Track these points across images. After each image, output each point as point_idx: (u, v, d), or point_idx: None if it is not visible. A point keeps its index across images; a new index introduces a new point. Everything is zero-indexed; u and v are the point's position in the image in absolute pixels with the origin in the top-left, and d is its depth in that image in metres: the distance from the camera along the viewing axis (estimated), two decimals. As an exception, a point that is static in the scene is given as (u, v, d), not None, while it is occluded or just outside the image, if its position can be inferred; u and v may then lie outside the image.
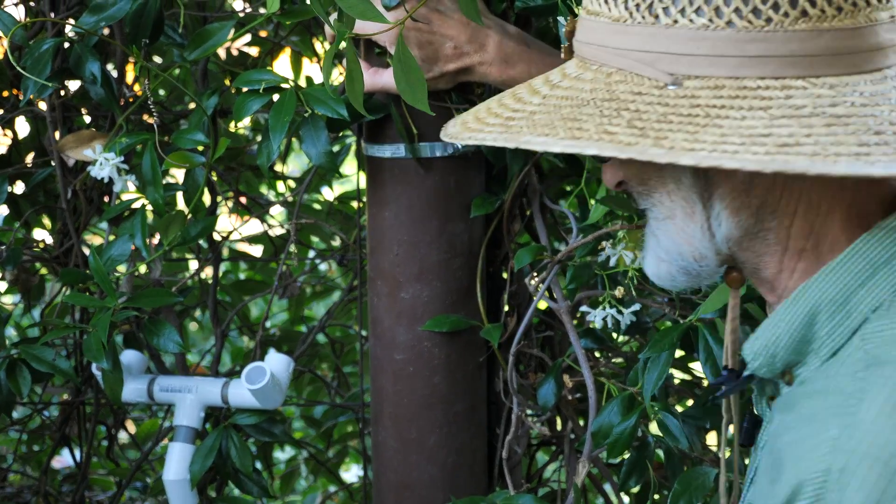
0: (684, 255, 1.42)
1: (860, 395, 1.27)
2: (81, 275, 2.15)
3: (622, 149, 1.24)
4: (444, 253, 1.99)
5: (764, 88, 1.27)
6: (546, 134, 1.29)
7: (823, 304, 1.35)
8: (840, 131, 1.23)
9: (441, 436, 2.05)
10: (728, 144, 1.22)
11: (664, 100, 1.29)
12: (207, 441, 2.12)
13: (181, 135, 2.03)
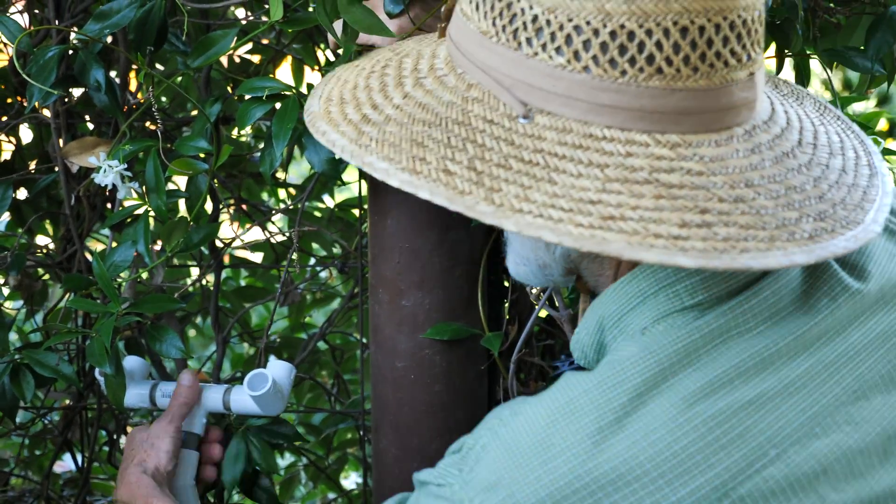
0: (530, 261, 1.50)
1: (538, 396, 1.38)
2: (84, 280, 2.16)
3: (453, 198, 1.26)
4: (445, 261, 2.00)
5: (608, 140, 1.29)
6: (390, 158, 1.30)
7: (605, 319, 1.43)
8: (666, 206, 1.25)
9: (442, 443, 2.04)
10: (555, 209, 1.24)
11: (511, 136, 1.30)
12: (232, 448, 2.12)
13: (184, 142, 2.04)
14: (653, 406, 1.32)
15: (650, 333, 1.38)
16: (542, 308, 2.03)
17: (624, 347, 1.37)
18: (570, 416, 1.33)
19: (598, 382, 1.34)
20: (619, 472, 1.29)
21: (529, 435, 1.33)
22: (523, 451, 1.32)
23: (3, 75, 2.61)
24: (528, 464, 1.31)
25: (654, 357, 1.35)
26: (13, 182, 2.35)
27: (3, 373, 2.10)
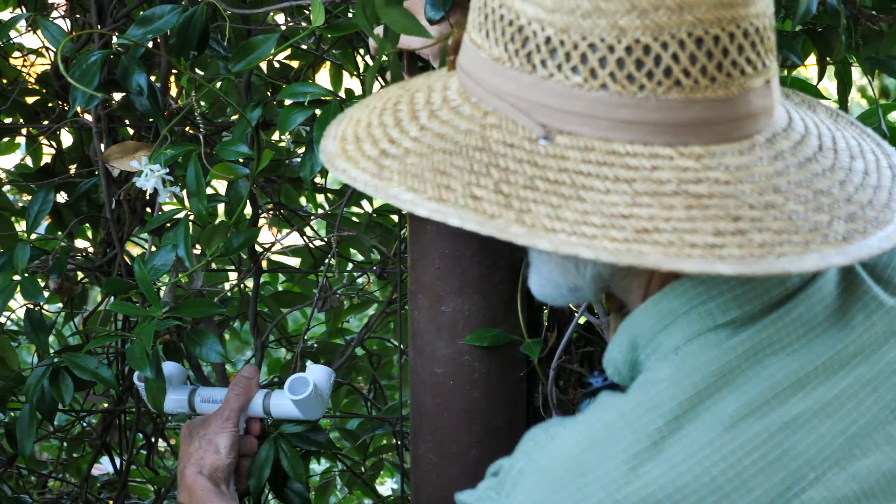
0: (560, 285, 1.46)
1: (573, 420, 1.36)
2: (125, 284, 2.17)
3: (484, 222, 1.24)
4: (485, 267, 2.00)
5: (632, 155, 1.27)
6: (415, 189, 1.28)
7: (638, 338, 1.40)
8: (698, 216, 1.24)
9: (481, 450, 2.05)
10: (587, 226, 1.23)
11: (534, 157, 1.28)
12: (261, 453, 2.13)
13: (225, 146, 2.04)
14: (689, 430, 1.31)
15: (683, 353, 1.36)
16: (582, 315, 2.03)
17: (658, 369, 1.36)
18: (606, 440, 1.31)
19: (633, 406, 1.33)
20: (657, 498, 1.28)
21: (565, 460, 1.32)
22: (559, 476, 1.31)
23: (45, 80, 2.63)
24: (565, 489, 1.30)
25: (689, 379, 1.33)
26: (55, 186, 2.36)
27: (43, 375, 2.11)
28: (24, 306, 2.36)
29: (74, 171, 2.64)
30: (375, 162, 1.33)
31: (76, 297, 2.78)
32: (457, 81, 1.40)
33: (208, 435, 2.00)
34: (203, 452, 1.98)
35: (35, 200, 2.27)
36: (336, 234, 2.18)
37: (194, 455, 1.98)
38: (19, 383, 2.23)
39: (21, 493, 2.76)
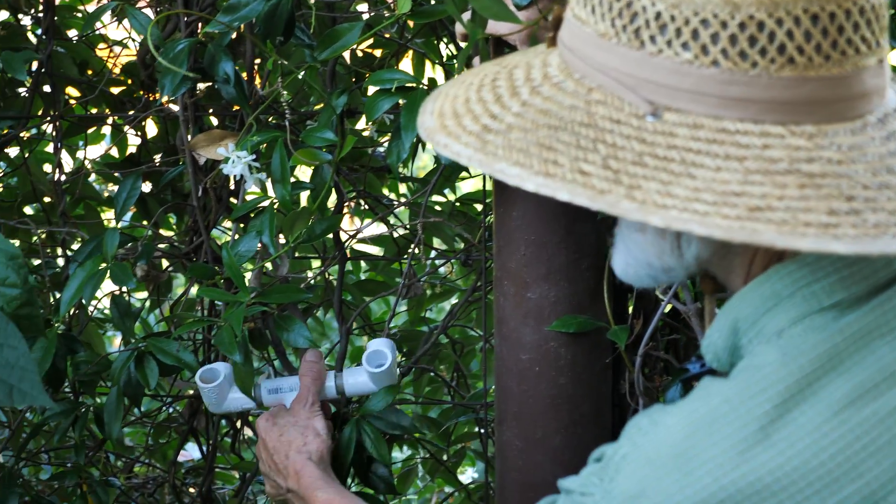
0: (653, 265, 1.44)
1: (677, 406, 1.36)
2: (210, 270, 2.19)
3: (594, 197, 1.23)
4: (572, 253, 1.99)
5: (742, 133, 1.26)
6: (521, 164, 1.27)
7: (740, 322, 1.39)
8: (812, 195, 1.23)
9: (566, 437, 2.05)
10: (699, 203, 1.22)
11: (642, 134, 1.27)
12: (343, 435, 2.14)
13: (311, 133, 2.05)
14: (797, 414, 1.29)
15: (788, 336, 1.35)
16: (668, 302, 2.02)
17: (763, 353, 1.35)
18: (712, 425, 1.31)
19: (739, 391, 1.32)
20: (765, 483, 1.27)
21: (670, 445, 1.31)
22: (664, 461, 1.31)
23: (130, 71, 2.66)
24: (670, 475, 1.30)
25: (795, 363, 1.32)
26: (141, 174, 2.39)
27: (129, 360, 2.14)
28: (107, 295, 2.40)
29: (159, 161, 2.66)
30: (478, 137, 1.32)
31: (161, 285, 2.81)
32: (557, 58, 1.39)
33: (301, 422, 2.02)
34: (304, 438, 2.00)
35: (123, 188, 2.29)
36: (421, 220, 2.18)
37: (295, 442, 2.00)
38: (106, 368, 2.26)
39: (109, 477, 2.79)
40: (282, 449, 2.01)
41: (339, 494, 1.93)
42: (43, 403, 1.42)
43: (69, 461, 2.80)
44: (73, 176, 2.71)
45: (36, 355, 2.08)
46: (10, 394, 1.41)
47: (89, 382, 2.32)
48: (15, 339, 1.44)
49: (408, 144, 1.92)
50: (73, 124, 2.68)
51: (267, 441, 2.04)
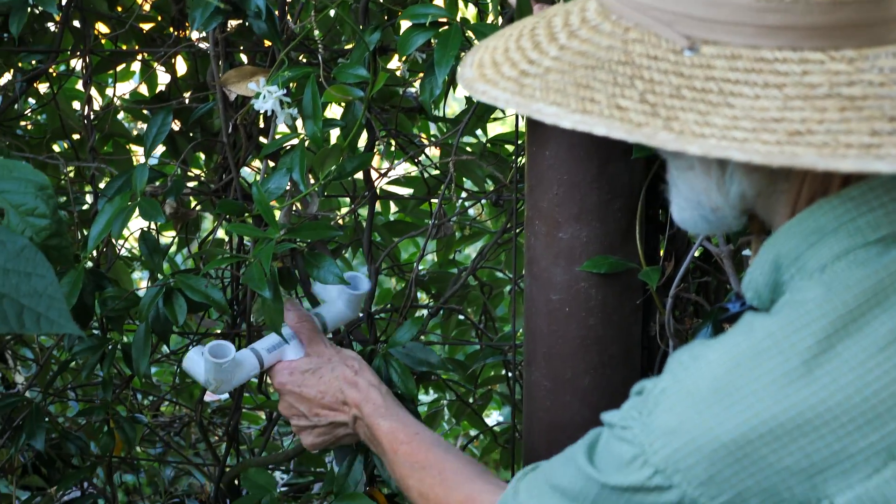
0: (703, 204, 1.44)
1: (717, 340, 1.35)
2: (239, 206, 2.18)
3: (631, 130, 1.23)
4: (604, 193, 1.97)
5: (781, 61, 1.25)
6: (558, 103, 1.28)
7: (782, 258, 1.39)
8: (853, 117, 1.22)
9: (595, 378, 2.04)
10: (738, 130, 1.21)
11: (679, 68, 1.27)
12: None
13: (343, 69, 2.04)
14: (840, 349, 1.29)
15: (831, 272, 1.34)
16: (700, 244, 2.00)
17: (806, 288, 1.34)
18: (754, 360, 1.30)
19: (782, 325, 1.31)
20: (806, 418, 1.27)
21: (711, 380, 1.31)
22: (704, 395, 1.30)
23: (161, 6, 2.64)
24: (710, 409, 1.29)
25: (839, 298, 1.31)
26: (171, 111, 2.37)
27: (157, 295, 2.14)
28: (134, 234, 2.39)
29: (189, 98, 2.65)
30: (516, 81, 1.33)
31: (189, 224, 2.80)
32: (595, 3, 1.38)
33: (333, 357, 2.05)
34: (351, 368, 2.03)
35: (153, 123, 2.28)
36: (453, 158, 2.16)
37: (344, 374, 2.03)
38: (134, 304, 2.26)
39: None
40: (331, 389, 2.02)
41: (400, 423, 1.94)
42: (70, 331, 1.42)
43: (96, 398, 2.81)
44: (103, 110, 2.69)
45: (63, 289, 2.07)
46: (38, 321, 1.40)
47: (117, 319, 2.32)
48: (43, 269, 1.43)
49: (441, 81, 1.90)
50: (102, 60, 2.66)
51: (305, 390, 2.04)
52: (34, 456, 2.86)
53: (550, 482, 1.51)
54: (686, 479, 1.31)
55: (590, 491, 1.42)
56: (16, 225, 1.56)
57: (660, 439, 1.33)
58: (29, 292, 1.42)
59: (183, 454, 3.22)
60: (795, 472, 1.28)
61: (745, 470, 1.28)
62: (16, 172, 1.57)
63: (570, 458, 1.50)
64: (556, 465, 1.53)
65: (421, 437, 1.90)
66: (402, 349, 2.19)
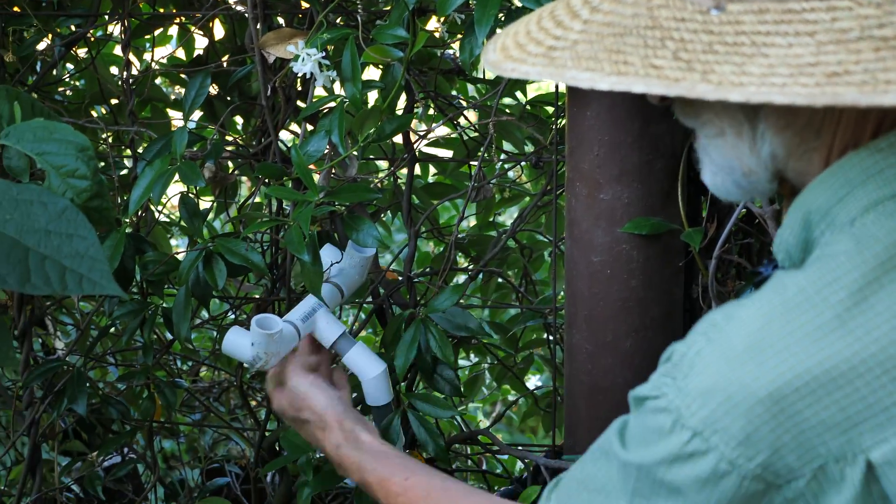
0: (735, 169, 1.43)
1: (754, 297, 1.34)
2: (279, 169, 2.17)
3: (669, 86, 1.23)
4: (646, 154, 1.96)
5: (809, 11, 1.24)
6: (591, 69, 1.27)
7: (811, 214, 1.38)
8: (888, 56, 1.21)
9: (637, 340, 2.03)
10: (776, 76, 1.20)
11: (708, 27, 1.26)
12: (407, 335, 2.14)
13: (382, 30, 2.03)
14: (874, 301, 1.28)
15: (861, 224, 1.33)
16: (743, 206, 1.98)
17: (835, 242, 1.33)
18: (787, 315, 1.29)
19: (813, 280, 1.30)
20: (841, 370, 1.26)
21: (744, 337, 1.30)
22: (738, 353, 1.29)
23: (199, -31, 2.63)
24: (745, 366, 1.28)
25: (870, 250, 1.30)
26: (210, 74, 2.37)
27: (197, 259, 2.13)
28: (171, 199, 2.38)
29: (227, 62, 2.64)
30: (545, 56, 1.33)
31: (228, 189, 2.80)
32: None
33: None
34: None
35: (191, 86, 2.28)
36: (493, 119, 2.14)
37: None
38: (174, 268, 2.26)
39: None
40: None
41: (383, 467, 1.91)
42: (112, 292, 1.41)
43: (136, 363, 2.82)
44: (141, 75, 2.69)
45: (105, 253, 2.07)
46: (80, 283, 1.40)
47: (157, 283, 2.32)
48: (84, 230, 1.43)
49: (481, 40, 1.88)
50: (140, 25, 2.66)
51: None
52: (75, 421, 2.87)
53: (586, 486, 1.49)
54: (723, 440, 1.30)
55: (628, 479, 1.41)
56: (57, 186, 1.56)
57: (696, 401, 1.31)
58: (71, 254, 1.41)
59: (223, 419, 3.23)
60: (831, 427, 1.27)
61: (782, 426, 1.27)
62: (56, 134, 1.56)
63: (602, 454, 1.47)
64: (586, 468, 1.50)
65: (412, 482, 1.85)
66: (441, 314, 2.18)
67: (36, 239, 1.42)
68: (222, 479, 3.12)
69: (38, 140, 1.57)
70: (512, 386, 3.15)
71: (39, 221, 1.43)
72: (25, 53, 2.56)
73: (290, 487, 2.57)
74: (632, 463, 1.40)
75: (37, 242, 1.42)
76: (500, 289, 3.07)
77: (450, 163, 2.95)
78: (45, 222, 1.42)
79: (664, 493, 1.37)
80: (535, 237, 3.05)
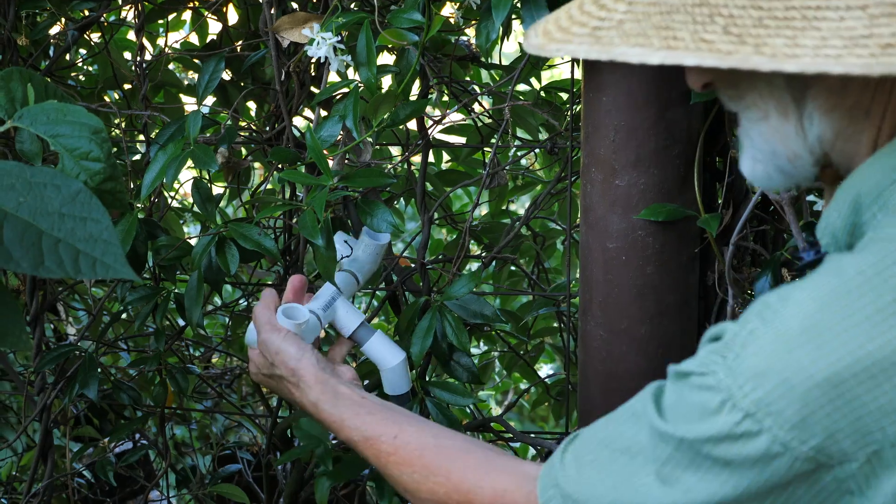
0: (779, 154, 1.41)
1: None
2: (292, 154, 2.16)
3: (722, 58, 1.21)
4: (662, 140, 1.94)
5: None
6: (641, 44, 1.26)
7: (862, 197, 1.36)
8: None
9: (652, 327, 2.02)
10: (829, 48, 1.19)
11: (757, 2, 1.25)
12: (423, 323, 2.13)
13: (398, 14, 2.02)
14: None
15: None
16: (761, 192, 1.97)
17: (891, 224, 1.31)
18: (846, 298, 1.27)
19: (872, 262, 1.28)
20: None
21: (802, 319, 1.28)
22: (795, 335, 1.27)
23: (213, -46, 2.62)
24: (802, 348, 1.27)
25: None
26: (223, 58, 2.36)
27: (210, 243, 2.13)
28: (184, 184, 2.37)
29: (240, 46, 2.63)
30: (590, 35, 1.31)
31: (241, 174, 2.79)
32: None
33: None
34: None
35: (205, 70, 2.27)
36: (508, 104, 2.13)
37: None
38: (186, 253, 2.25)
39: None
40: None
41: (368, 428, 1.80)
42: (126, 276, 1.40)
43: (148, 350, 2.81)
44: (155, 59, 2.68)
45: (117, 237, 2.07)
46: (94, 266, 1.39)
47: (170, 268, 2.31)
48: (98, 213, 1.42)
49: (498, 24, 1.87)
50: (153, 9, 2.65)
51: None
52: (87, 407, 2.87)
53: (608, 445, 1.46)
54: (777, 423, 1.28)
55: (664, 447, 1.38)
56: (70, 169, 1.55)
57: (749, 382, 1.29)
58: (84, 237, 1.40)
59: (235, 405, 3.22)
60: (889, 412, 1.25)
61: (838, 410, 1.26)
62: (70, 116, 1.55)
63: (631, 415, 1.45)
64: (610, 427, 1.47)
65: (402, 440, 1.74)
66: (456, 302, 2.18)
67: (49, 222, 1.41)
68: (234, 465, 3.12)
69: (51, 122, 1.56)
70: (523, 374, 3.14)
71: (53, 204, 1.42)
72: (38, 37, 2.55)
73: (301, 474, 2.57)
74: (671, 434, 1.37)
75: (50, 226, 1.41)
76: (512, 276, 3.06)
77: (463, 149, 2.93)
78: (59, 205, 1.41)
79: (707, 464, 1.34)
80: (548, 225, 3.04)
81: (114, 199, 1.58)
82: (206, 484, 2.89)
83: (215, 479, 2.93)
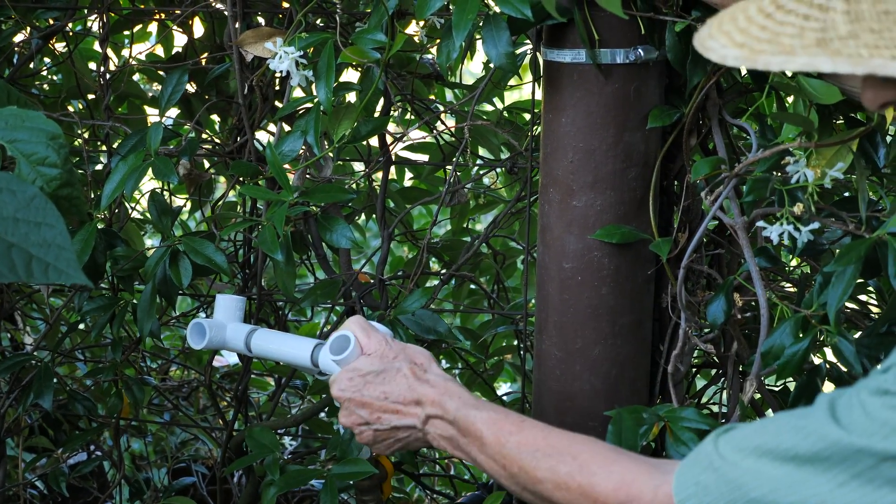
0: None
1: None
2: (253, 168, 2.17)
3: (858, 63, 1.16)
4: (619, 162, 1.96)
5: None
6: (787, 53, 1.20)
7: None
8: None
9: (606, 347, 2.03)
10: None
11: None
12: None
13: (361, 34, 2.02)
14: None
15: None
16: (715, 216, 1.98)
17: None
18: None
19: None
20: None
21: None
22: None
23: (180, -33, 2.63)
24: None
25: None
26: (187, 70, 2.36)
27: (163, 256, 2.13)
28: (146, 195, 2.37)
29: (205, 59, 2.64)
30: (821, 42, 1.26)
31: (202, 187, 2.79)
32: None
33: (399, 356, 1.85)
34: (418, 363, 1.84)
35: (168, 82, 2.27)
36: (469, 124, 2.14)
37: (409, 375, 1.82)
38: (143, 264, 2.25)
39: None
40: (398, 389, 1.81)
41: (498, 412, 1.75)
42: (78, 281, 1.40)
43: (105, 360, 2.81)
44: (119, 69, 2.68)
45: (76, 246, 2.07)
46: (46, 271, 1.38)
47: (127, 278, 2.31)
48: (53, 218, 1.41)
49: (458, 44, 1.88)
50: (119, 20, 2.65)
51: (366, 394, 1.83)
52: (41, 417, 2.86)
53: (764, 445, 1.40)
54: None
55: (851, 462, 1.32)
56: (27, 174, 1.55)
57: None
58: (38, 242, 1.40)
59: (191, 418, 3.22)
60: None
61: None
62: (28, 122, 1.55)
63: (798, 421, 1.39)
64: (769, 430, 1.41)
65: (529, 424, 1.71)
66: (410, 317, 2.18)
67: (3, 226, 1.40)
68: (188, 478, 3.11)
69: (9, 128, 1.56)
70: (482, 392, 3.15)
71: (7, 209, 1.42)
72: (2, 45, 2.55)
73: (255, 488, 2.57)
74: (852, 444, 1.32)
75: (4, 230, 1.40)
76: (472, 294, 3.07)
77: (425, 167, 2.95)
78: (14, 210, 1.41)
79: (879, 481, 1.31)
80: (509, 243, 3.06)
81: (70, 205, 1.58)
82: (160, 497, 2.88)
83: (169, 491, 2.92)
